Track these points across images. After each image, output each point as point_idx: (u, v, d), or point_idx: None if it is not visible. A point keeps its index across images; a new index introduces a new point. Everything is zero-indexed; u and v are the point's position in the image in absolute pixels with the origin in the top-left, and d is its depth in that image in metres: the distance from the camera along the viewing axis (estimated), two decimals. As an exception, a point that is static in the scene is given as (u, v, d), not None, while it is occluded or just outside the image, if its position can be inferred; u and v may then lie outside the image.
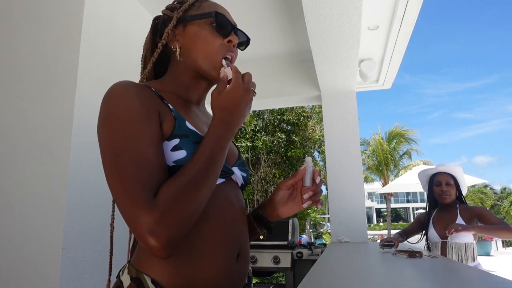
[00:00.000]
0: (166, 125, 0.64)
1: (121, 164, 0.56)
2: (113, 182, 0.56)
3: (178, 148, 0.62)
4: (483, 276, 1.28)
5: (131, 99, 0.61)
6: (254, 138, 6.30)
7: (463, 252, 2.11)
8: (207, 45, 0.72)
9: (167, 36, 0.74)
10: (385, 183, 16.51)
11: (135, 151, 0.57)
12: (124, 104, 0.60)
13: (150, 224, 0.51)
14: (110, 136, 0.58)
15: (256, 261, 2.57)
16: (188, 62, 0.74)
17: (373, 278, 1.28)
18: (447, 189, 2.27)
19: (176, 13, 0.74)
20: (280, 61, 3.17)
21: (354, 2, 1.80)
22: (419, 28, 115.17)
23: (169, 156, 0.62)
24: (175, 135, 0.64)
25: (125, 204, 0.54)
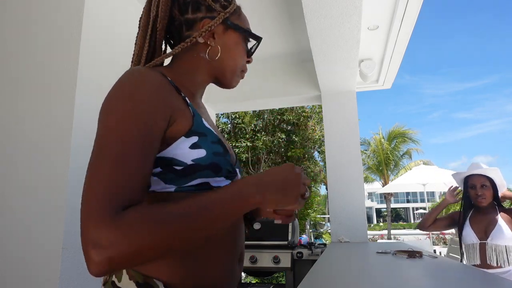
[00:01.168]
0: (183, 121, 0.60)
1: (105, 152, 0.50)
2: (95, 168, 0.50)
3: (198, 146, 0.59)
4: (484, 276, 1.28)
5: (148, 91, 0.56)
6: (254, 138, 6.30)
7: (504, 255, 2.01)
8: (239, 59, 0.74)
9: (209, 31, 0.69)
10: (385, 183, 16.51)
11: (125, 151, 0.51)
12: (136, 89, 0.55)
13: (100, 234, 0.45)
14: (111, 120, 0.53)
15: (256, 261, 2.57)
16: (214, 64, 0.72)
17: (373, 278, 1.28)
18: (482, 193, 2.15)
19: (223, 12, 0.71)
20: (280, 61, 3.17)
21: (354, 2, 1.80)
22: (419, 28, 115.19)
23: (187, 154, 0.58)
24: (194, 132, 0.60)
25: (88, 201, 0.47)
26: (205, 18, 0.70)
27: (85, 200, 0.47)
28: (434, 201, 21.07)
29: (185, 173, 0.58)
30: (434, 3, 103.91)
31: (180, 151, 0.58)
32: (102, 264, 0.44)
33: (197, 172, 0.59)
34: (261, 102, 3.41)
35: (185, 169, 0.58)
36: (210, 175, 0.61)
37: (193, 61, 0.71)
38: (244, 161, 6.27)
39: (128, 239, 0.45)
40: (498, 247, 2.03)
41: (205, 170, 0.60)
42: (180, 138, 0.58)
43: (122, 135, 0.51)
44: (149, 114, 0.54)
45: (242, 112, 6.34)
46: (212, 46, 0.70)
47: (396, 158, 17.06)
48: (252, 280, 4.36)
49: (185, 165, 0.58)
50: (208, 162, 0.60)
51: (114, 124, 0.52)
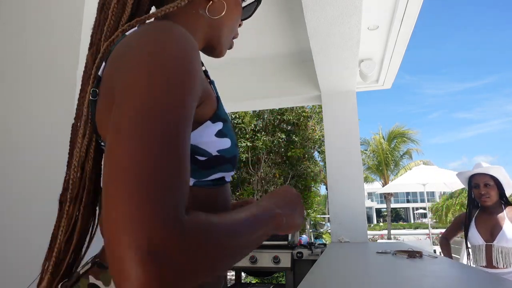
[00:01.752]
0: (210, 101, 0.50)
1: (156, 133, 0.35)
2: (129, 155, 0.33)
3: (223, 134, 0.50)
4: (484, 276, 1.28)
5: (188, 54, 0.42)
6: (254, 138, 6.30)
7: (510, 256, 2.00)
8: (236, 21, 0.66)
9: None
10: (385, 183, 16.51)
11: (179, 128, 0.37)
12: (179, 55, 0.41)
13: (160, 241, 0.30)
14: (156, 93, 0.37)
15: (256, 261, 2.57)
16: (212, 23, 0.60)
17: (373, 278, 1.28)
18: (485, 192, 2.13)
19: None
20: (280, 61, 3.17)
21: (354, 2, 1.80)
22: (419, 28, 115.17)
23: (214, 143, 0.49)
24: (219, 116, 0.51)
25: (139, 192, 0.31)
26: None
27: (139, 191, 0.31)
28: (434, 201, 21.08)
29: (207, 166, 0.49)
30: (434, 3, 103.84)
31: (205, 139, 0.49)
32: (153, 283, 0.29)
33: (219, 165, 0.51)
34: (261, 102, 3.41)
35: (209, 160, 0.49)
36: (229, 169, 0.53)
37: (192, 20, 0.58)
38: (244, 161, 6.27)
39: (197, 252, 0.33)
40: (504, 249, 2.02)
41: (227, 164, 0.52)
42: (206, 122, 0.49)
43: (177, 116, 0.37)
44: (195, 92, 0.42)
45: (242, 112, 6.33)
46: (214, 1, 0.59)
47: (396, 158, 17.07)
48: (252, 280, 4.36)
49: (210, 155, 0.49)
50: (232, 154, 0.52)
51: (165, 97, 0.37)
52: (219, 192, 0.54)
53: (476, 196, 2.20)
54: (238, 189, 6.30)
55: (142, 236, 0.29)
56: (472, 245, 2.19)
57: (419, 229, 24.45)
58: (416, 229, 24.36)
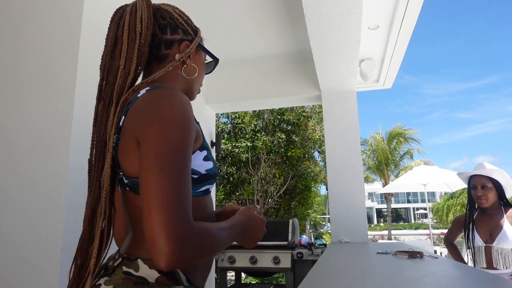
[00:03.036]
0: (199, 137, 0.72)
1: (177, 167, 0.58)
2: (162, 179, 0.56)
3: (207, 159, 0.73)
4: (484, 276, 1.28)
5: (190, 113, 0.66)
6: (254, 138, 6.29)
7: (510, 258, 2.00)
8: (202, 76, 0.88)
9: (189, 53, 0.81)
10: (385, 183, 16.51)
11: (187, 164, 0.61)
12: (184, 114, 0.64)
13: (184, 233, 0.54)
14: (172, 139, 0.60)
15: (256, 261, 2.57)
16: (187, 80, 0.83)
17: (373, 278, 1.27)
18: (482, 193, 2.13)
19: (197, 38, 0.84)
20: (280, 61, 3.17)
21: (354, 1, 1.80)
22: (419, 28, 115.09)
23: (202, 165, 0.71)
24: (204, 146, 0.73)
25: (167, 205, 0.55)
26: (185, 41, 0.82)
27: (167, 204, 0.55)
28: (434, 201, 21.06)
29: (198, 181, 0.71)
30: (435, 3, 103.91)
31: (196, 163, 0.70)
32: (178, 257, 0.53)
33: (207, 180, 0.72)
34: (261, 102, 3.41)
35: (199, 177, 0.71)
36: (212, 183, 0.75)
37: (173, 78, 0.81)
38: (244, 161, 6.26)
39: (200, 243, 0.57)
40: (504, 251, 2.02)
41: (211, 179, 0.73)
42: (196, 151, 0.70)
43: (184, 153, 0.61)
44: (192, 135, 0.65)
45: (242, 112, 6.32)
46: (188, 64, 0.81)
47: (397, 158, 17.06)
48: (252, 280, 4.36)
49: (200, 174, 0.71)
50: (214, 172, 0.74)
51: (178, 143, 0.60)
52: (207, 199, 0.76)
53: (474, 197, 2.21)
54: (238, 189, 6.29)
55: (172, 231, 0.53)
56: (472, 246, 2.18)
57: (419, 229, 24.45)
58: (417, 230, 24.36)
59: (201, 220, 0.68)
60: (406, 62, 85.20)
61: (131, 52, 0.74)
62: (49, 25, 1.62)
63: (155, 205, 0.54)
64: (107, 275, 0.67)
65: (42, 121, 1.52)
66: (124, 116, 0.69)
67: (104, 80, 0.76)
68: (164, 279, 0.65)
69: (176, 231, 0.53)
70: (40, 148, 1.49)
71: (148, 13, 0.77)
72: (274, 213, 6.52)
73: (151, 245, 0.53)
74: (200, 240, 0.57)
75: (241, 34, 2.70)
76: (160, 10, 0.82)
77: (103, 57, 0.77)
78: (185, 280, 0.67)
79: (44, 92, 1.55)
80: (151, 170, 0.57)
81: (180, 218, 0.55)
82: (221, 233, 0.64)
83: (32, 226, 1.41)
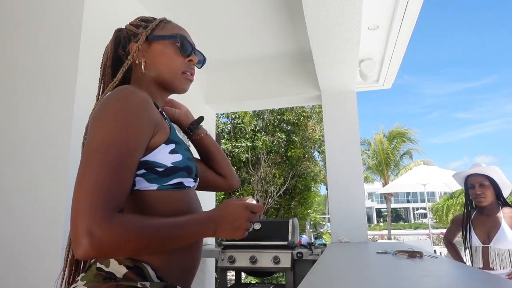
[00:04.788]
0: (162, 132, 0.73)
1: (104, 160, 0.60)
2: (87, 171, 0.59)
3: (175, 152, 0.74)
4: (484, 276, 1.28)
5: (138, 107, 0.67)
6: (254, 138, 6.29)
7: (507, 258, 2.00)
8: (170, 62, 0.84)
9: (137, 51, 0.82)
10: (385, 183, 16.51)
11: (121, 158, 0.61)
12: (130, 109, 0.66)
13: (94, 225, 0.55)
14: (105, 130, 0.63)
15: (256, 261, 2.57)
16: (153, 75, 0.83)
17: (373, 278, 1.28)
18: (481, 192, 2.13)
19: (145, 31, 0.83)
20: (280, 61, 3.17)
21: (354, 2, 1.80)
22: (419, 28, 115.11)
23: (167, 157, 0.72)
24: (171, 140, 0.74)
25: (87, 197, 0.56)
26: (132, 43, 0.84)
27: (83, 196, 0.57)
28: (434, 201, 21.07)
29: (165, 174, 0.72)
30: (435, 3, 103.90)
31: (161, 156, 0.71)
32: (91, 250, 0.54)
33: (175, 173, 0.73)
34: (261, 102, 3.41)
35: (165, 170, 0.72)
36: (184, 176, 0.75)
37: (141, 79, 0.84)
38: (244, 161, 6.26)
39: (117, 235, 0.56)
40: (501, 251, 2.02)
41: (181, 172, 0.74)
42: (161, 145, 0.72)
43: (120, 146, 0.62)
44: (141, 128, 0.66)
45: (242, 112, 6.32)
46: (143, 61, 0.83)
47: (396, 158, 17.06)
48: (252, 280, 4.36)
49: (166, 167, 0.71)
50: (183, 165, 0.74)
51: (113, 135, 0.62)
52: (182, 194, 0.76)
53: (472, 197, 2.21)
54: (238, 189, 6.29)
55: (85, 222, 0.55)
56: (469, 246, 2.18)
57: (419, 229, 24.44)
58: (416, 229, 24.36)
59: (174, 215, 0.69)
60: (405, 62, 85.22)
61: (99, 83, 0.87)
62: (49, 25, 1.63)
63: (76, 195, 0.57)
64: (84, 271, 0.70)
65: (42, 121, 1.52)
66: None
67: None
68: (132, 274, 0.66)
69: (90, 224, 0.54)
70: (40, 148, 1.49)
71: (110, 43, 0.88)
72: (274, 213, 6.52)
73: (71, 234, 0.56)
74: (120, 234, 0.57)
75: (241, 34, 2.70)
76: (121, 31, 0.89)
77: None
78: (154, 276, 0.68)
79: (44, 92, 1.55)
80: (82, 162, 0.61)
81: (98, 211, 0.55)
82: (166, 228, 0.63)
83: (32, 226, 1.42)
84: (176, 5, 2.22)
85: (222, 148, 5.40)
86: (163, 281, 0.69)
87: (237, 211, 0.72)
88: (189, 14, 2.34)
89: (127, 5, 1.91)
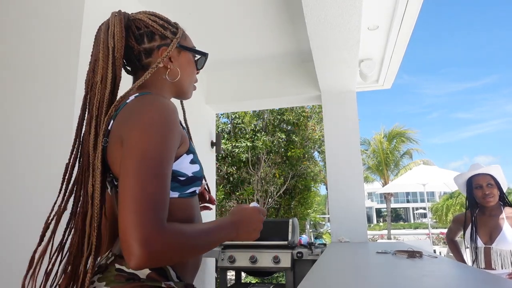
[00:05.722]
0: (185, 142, 0.75)
1: (150, 171, 0.60)
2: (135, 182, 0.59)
3: (194, 162, 0.76)
4: (484, 276, 1.28)
5: (172, 119, 0.68)
6: (254, 138, 6.29)
7: (509, 259, 1.98)
8: (192, 73, 0.89)
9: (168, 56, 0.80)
10: (385, 183, 16.51)
11: (164, 170, 0.62)
12: (167, 121, 0.67)
13: (149, 235, 0.55)
14: (152, 143, 0.63)
15: (256, 261, 2.57)
16: (174, 82, 0.84)
17: (373, 278, 1.28)
18: (489, 191, 2.10)
19: (175, 38, 0.82)
20: (280, 61, 3.17)
21: (354, 2, 1.80)
22: (419, 28, 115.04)
23: (189, 167, 0.74)
24: (190, 150, 0.77)
25: (137, 206, 0.57)
26: (162, 46, 0.82)
27: (135, 207, 0.57)
28: (434, 201, 21.07)
29: (186, 183, 0.74)
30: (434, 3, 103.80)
31: (183, 165, 0.73)
32: (146, 259, 0.55)
33: (194, 182, 0.76)
34: (261, 102, 3.41)
35: (186, 179, 0.74)
36: (199, 185, 0.78)
37: (160, 84, 0.83)
38: (244, 161, 6.26)
39: (170, 244, 0.58)
40: (503, 252, 2.01)
41: (198, 181, 0.77)
42: (183, 155, 0.74)
43: (166, 158, 0.64)
44: (176, 140, 0.68)
45: (242, 112, 6.32)
46: (170, 68, 0.82)
47: (396, 158, 17.06)
48: (252, 280, 4.36)
49: (187, 176, 0.74)
50: (200, 174, 0.78)
51: (159, 148, 0.63)
52: (194, 200, 0.80)
53: (479, 197, 2.15)
54: (238, 189, 6.30)
55: (140, 233, 0.55)
56: (475, 247, 2.16)
57: (419, 229, 24.44)
58: (416, 229, 24.35)
59: (188, 221, 0.74)
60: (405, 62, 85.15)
61: (106, 68, 0.77)
62: (50, 25, 1.63)
63: (128, 207, 0.57)
64: (100, 273, 0.70)
65: (42, 121, 1.52)
66: (112, 120, 0.73)
67: (88, 94, 0.79)
68: (155, 275, 0.67)
69: (145, 234, 0.55)
70: (40, 148, 1.49)
71: (120, 27, 0.79)
72: (274, 213, 6.52)
73: (123, 245, 0.55)
74: (171, 243, 0.58)
75: (241, 34, 2.70)
76: (135, 21, 0.82)
77: (88, 73, 0.80)
78: (175, 276, 0.70)
79: (44, 92, 1.55)
80: (128, 173, 0.60)
81: (151, 221, 0.56)
82: (200, 235, 0.65)
83: (32, 226, 1.42)
84: (176, 5, 2.22)
85: (222, 148, 5.40)
86: (181, 280, 0.72)
87: (252, 215, 0.77)
88: (189, 14, 2.34)
89: (127, 5, 1.91)
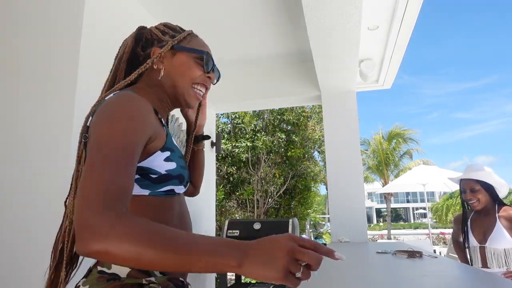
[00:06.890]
0: (159, 139, 0.74)
1: (106, 160, 0.59)
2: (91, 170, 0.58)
3: (170, 160, 0.75)
4: (484, 275, 1.28)
5: (137, 113, 0.68)
6: (254, 138, 6.29)
7: (503, 258, 2.00)
8: (189, 71, 0.85)
9: (159, 57, 0.83)
10: (385, 183, 16.51)
11: (121, 160, 0.61)
12: (130, 112, 0.68)
13: (93, 220, 0.51)
14: (110, 133, 0.63)
15: (256, 261, 2.57)
16: (168, 84, 0.84)
17: (373, 278, 1.28)
18: (472, 197, 2.13)
19: (171, 41, 0.85)
20: (280, 61, 3.17)
21: (354, 2, 1.81)
22: (418, 28, 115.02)
23: (162, 165, 0.73)
24: (167, 148, 0.75)
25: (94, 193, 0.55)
26: (155, 48, 0.85)
27: (87, 192, 0.55)
28: (434, 201, 21.07)
29: (158, 181, 0.73)
30: (434, 4, 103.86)
31: (156, 163, 0.72)
32: (85, 242, 0.51)
33: (168, 181, 0.74)
34: (261, 102, 3.41)
35: (159, 177, 0.73)
36: (176, 184, 0.76)
37: (153, 84, 0.85)
38: (244, 161, 6.26)
39: (122, 235, 0.51)
40: (497, 251, 2.03)
41: (173, 179, 0.75)
42: (156, 152, 0.73)
43: (124, 147, 0.62)
44: (140, 132, 0.67)
45: (242, 112, 6.32)
46: (161, 69, 0.84)
47: (396, 158, 17.05)
48: (252, 280, 4.36)
49: (160, 174, 0.73)
50: (177, 173, 0.75)
51: (116, 137, 0.63)
52: (173, 200, 0.78)
53: (465, 201, 2.22)
54: (238, 189, 6.30)
55: (83, 215, 0.52)
56: (468, 246, 2.20)
57: (419, 229, 24.44)
58: (416, 229, 24.35)
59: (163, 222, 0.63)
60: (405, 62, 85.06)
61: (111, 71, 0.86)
62: (50, 26, 1.63)
63: (78, 192, 0.56)
64: (85, 276, 0.71)
65: (42, 121, 1.52)
66: (91, 117, 0.75)
67: None
68: (135, 272, 0.67)
69: (88, 217, 0.52)
70: (40, 148, 1.49)
71: (131, 38, 0.87)
72: (274, 213, 6.53)
73: (75, 228, 0.53)
74: (125, 233, 0.50)
75: (241, 34, 2.70)
76: (144, 30, 0.90)
77: None
78: (157, 271, 0.69)
79: (44, 92, 1.55)
80: (86, 161, 0.61)
81: (97, 206, 0.53)
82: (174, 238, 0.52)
83: (32, 226, 1.42)
84: (176, 5, 2.22)
85: (222, 148, 5.40)
86: (165, 274, 0.71)
87: (274, 240, 0.52)
88: (189, 14, 2.34)
89: (127, 5, 1.91)
